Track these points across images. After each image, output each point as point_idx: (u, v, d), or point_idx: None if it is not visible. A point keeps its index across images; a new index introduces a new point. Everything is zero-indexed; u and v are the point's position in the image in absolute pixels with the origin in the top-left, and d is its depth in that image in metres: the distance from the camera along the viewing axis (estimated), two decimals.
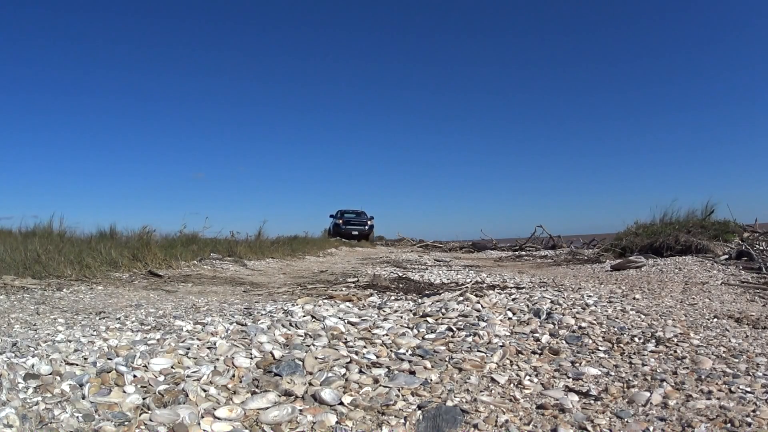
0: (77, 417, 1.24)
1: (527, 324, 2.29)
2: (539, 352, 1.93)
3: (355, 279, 4.52)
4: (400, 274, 5.20)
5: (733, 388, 1.48)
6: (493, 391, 1.56)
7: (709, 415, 1.30)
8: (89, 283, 3.61)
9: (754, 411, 1.30)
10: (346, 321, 2.30)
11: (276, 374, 1.61)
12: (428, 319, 2.38)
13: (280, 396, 1.48)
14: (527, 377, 1.67)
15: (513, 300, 2.83)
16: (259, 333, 1.97)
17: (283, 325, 2.13)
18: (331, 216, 22.15)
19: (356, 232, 20.24)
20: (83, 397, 1.35)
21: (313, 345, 1.93)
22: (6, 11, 26.63)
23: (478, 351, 1.92)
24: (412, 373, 1.68)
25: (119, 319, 2.25)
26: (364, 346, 1.96)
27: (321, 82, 49.90)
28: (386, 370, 1.72)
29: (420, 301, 2.92)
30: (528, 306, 2.61)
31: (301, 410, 1.38)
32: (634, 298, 2.98)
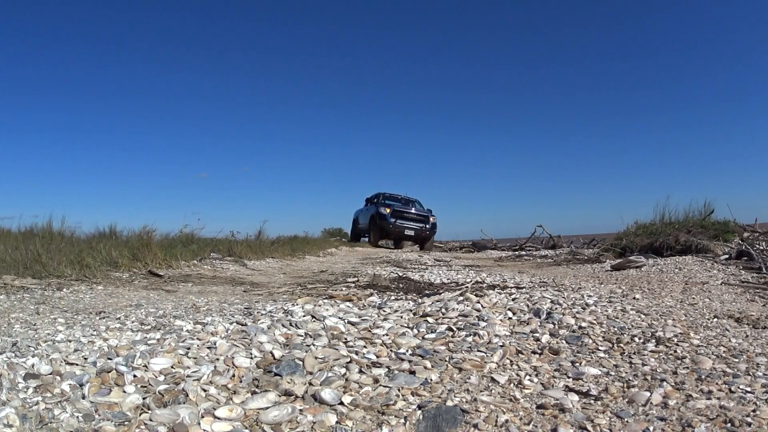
0: (77, 417, 1.24)
1: (527, 324, 2.29)
2: (539, 351, 1.93)
3: (355, 279, 4.52)
4: (400, 274, 5.20)
5: (733, 388, 1.48)
6: (493, 391, 1.56)
7: (709, 414, 1.30)
8: (89, 282, 3.61)
9: (754, 411, 1.30)
10: (346, 321, 2.30)
11: (276, 374, 1.61)
12: (428, 318, 2.38)
13: (280, 396, 1.48)
14: (527, 377, 1.67)
15: (513, 300, 2.83)
16: (259, 333, 1.97)
17: (283, 325, 2.13)
18: (370, 201, 13.95)
19: (411, 232, 12.49)
20: (83, 397, 1.35)
21: (313, 345, 1.93)
22: (6, 10, 26.63)
23: (478, 351, 1.92)
24: (412, 372, 1.68)
25: (119, 318, 2.25)
26: (364, 346, 1.96)
27: (324, 80, 49.96)
28: (386, 369, 1.72)
29: (420, 300, 2.92)
30: (528, 306, 2.61)
31: (301, 410, 1.38)
32: (634, 298, 2.98)
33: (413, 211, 13.01)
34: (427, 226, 12.70)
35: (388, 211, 12.50)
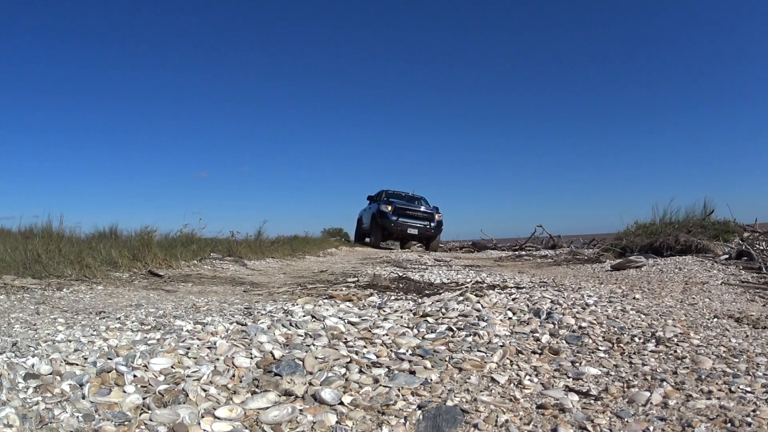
0: (77, 417, 1.24)
1: (527, 324, 2.29)
2: (539, 351, 1.93)
3: (355, 279, 4.52)
4: (400, 274, 5.20)
5: (733, 388, 1.48)
6: (493, 391, 1.56)
7: (709, 414, 1.30)
8: (89, 282, 3.61)
9: (754, 411, 1.30)
10: (346, 321, 2.30)
11: (276, 374, 1.61)
12: (428, 318, 2.38)
13: (280, 396, 1.48)
14: (527, 377, 1.67)
15: (513, 300, 2.83)
16: (259, 333, 1.97)
17: (283, 325, 2.13)
18: (372, 199, 13.36)
19: (415, 231, 11.80)
20: (83, 397, 1.35)
21: (313, 345, 1.93)
22: (6, 10, 26.60)
23: (478, 351, 1.92)
24: (412, 372, 1.68)
25: (119, 318, 2.25)
26: (364, 346, 1.96)
27: (325, 80, 49.94)
28: (386, 369, 1.72)
29: (420, 300, 2.92)
30: (528, 306, 2.61)
31: (301, 410, 1.38)
32: (634, 298, 2.98)
33: (418, 208, 12.29)
34: (432, 224, 11.92)
35: (390, 208, 11.67)
